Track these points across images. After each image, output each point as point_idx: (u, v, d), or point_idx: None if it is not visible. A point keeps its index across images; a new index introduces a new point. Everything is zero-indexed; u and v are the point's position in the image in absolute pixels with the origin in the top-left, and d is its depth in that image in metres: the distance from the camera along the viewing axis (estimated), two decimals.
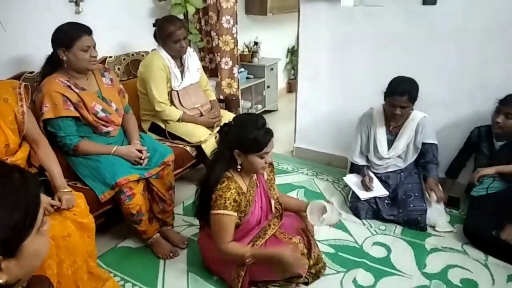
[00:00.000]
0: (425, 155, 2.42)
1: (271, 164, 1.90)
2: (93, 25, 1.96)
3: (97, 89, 2.05)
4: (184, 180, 2.72)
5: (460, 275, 1.93)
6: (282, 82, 5.09)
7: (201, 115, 2.60)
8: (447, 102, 2.54)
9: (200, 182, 1.78)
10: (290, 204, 1.98)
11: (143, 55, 2.79)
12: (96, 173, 1.95)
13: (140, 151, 2.08)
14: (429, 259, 2.04)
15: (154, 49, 2.56)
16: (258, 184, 1.84)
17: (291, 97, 3.24)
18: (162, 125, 2.55)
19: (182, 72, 2.55)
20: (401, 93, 2.26)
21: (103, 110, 2.01)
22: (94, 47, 1.94)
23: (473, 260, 2.04)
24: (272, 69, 4.41)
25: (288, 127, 3.42)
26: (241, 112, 3.53)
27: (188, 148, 2.49)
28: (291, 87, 5.10)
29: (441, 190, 2.33)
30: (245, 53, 4.29)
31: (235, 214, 1.68)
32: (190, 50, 2.63)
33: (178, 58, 2.54)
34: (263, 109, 4.38)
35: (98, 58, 2.00)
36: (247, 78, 4.20)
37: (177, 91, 2.54)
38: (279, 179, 2.08)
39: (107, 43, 2.64)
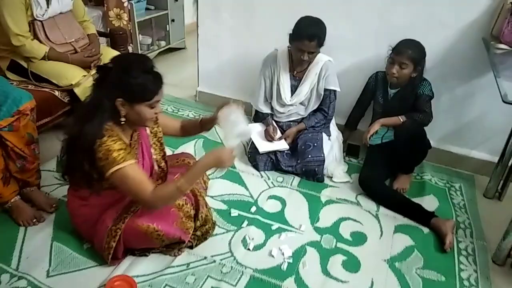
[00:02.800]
0: (322, 102, 2.30)
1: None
2: None
3: None
4: (57, 130, 2.29)
5: (351, 228, 1.90)
6: (191, 17, 4.57)
7: (76, 52, 2.16)
8: (351, 45, 2.39)
9: (68, 137, 1.46)
10: (188, 126, 1.79)
11: None
12: None
13: None
14: (322, 212, 1.98)
15: None
16: (140, 141, 1.58)
17: None
18: (24, 64, 2.07)
19: None
20: (310, 38, 2.05)
21: None
22: None
23: (365, 211, 2.02)
24: (176, 0, 3.91)
25: (196, 69, 3.07)
26: (135, 50, 3.10)
27: (57, 93, 2.06)
28: None
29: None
30: None
31: (134, 160, 1.42)
32: None
33: None
34: (167, 46, 3.92)
35: None
36: (147, 9, 3.67)
37: (41, 21, 2.05)
38: None
39: None
